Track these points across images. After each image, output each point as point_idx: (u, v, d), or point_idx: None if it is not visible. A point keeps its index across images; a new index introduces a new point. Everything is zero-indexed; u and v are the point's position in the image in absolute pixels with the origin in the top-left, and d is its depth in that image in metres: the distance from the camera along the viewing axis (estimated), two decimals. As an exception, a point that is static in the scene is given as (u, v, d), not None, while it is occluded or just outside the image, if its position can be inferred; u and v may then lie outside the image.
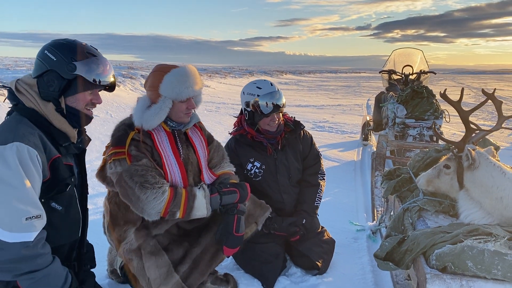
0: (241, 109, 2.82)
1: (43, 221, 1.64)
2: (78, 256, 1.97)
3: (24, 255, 1.57)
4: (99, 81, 1.81)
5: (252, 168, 2.79)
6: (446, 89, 2.44)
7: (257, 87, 2.69)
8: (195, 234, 2.36)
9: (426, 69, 7.10)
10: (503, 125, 2.54)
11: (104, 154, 2.29)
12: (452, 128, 8.79)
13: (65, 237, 1.85)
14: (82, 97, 1.82)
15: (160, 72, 2.21)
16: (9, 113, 1.80)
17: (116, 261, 2.48)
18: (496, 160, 2.43)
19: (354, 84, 33.97)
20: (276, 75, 40.08)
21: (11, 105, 1.79)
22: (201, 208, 2.17)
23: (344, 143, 7.71)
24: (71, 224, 1.87)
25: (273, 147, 2.79)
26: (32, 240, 1.59)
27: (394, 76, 7.30)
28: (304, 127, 2.94)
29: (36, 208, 1.61)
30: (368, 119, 7.77)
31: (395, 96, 5.96)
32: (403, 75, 7.09)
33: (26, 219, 1.57)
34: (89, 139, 2.03)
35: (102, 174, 2.28)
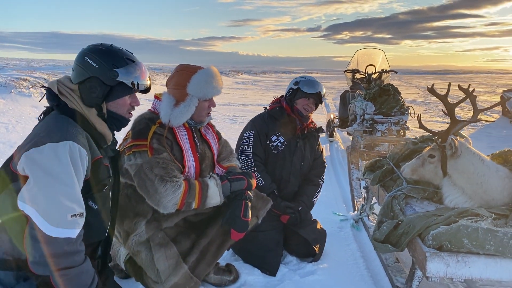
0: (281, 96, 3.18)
1: (83, 219, 1.67)
2: (103, 254, 1.99)
3: (66, 250, 1.60)
4: (138, 85, 1.85)
5: (276, 140, 3.00)
6: (433, 84, 2.64)
7: (310, 77, 3.11)
8: (201, 226, 2.41)
9: (388, 68, 7.47)
10: (478, 117, 2.77)
11: (119, 147, 2.30)
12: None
13: (95, 235, 1.87)
14: (123, 102, 1.87)
15: (187, 72, 2.29)
16: (45, 113, 1.80)
17: (119, 255, 2.48)
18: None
19: (309, 84, 34.58)
20: (232, 75, 40.18)
21: (46, 105, 1.81)
22: (215, 196, 2.24)
23: (311, 140, 7.92)
24: (101, 223, 1.89)
25: (300, 130, 3.05)
26: (75, 236, 1.62)
27: (358, 75, 7.63)
28: (324, 131, 3.20)
29: (81, 206, 1.65)
30: (332, 117, 8.05)
31: (363, 94, 6.24)
32: (366, 74, 7.42)
33: (72, 216, 1.59)
34: (117, 141, 2.04)
35: None
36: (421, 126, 2.79)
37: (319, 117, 11.26)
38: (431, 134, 2.86)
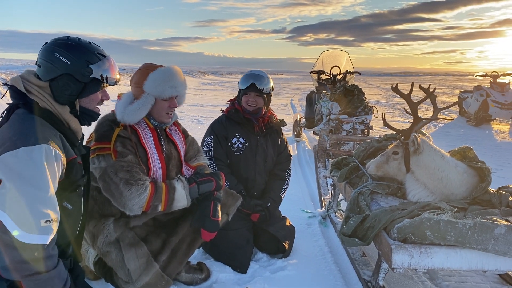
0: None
1: (57, 224, 1.63)
2: (74, 251, 1.94)
3: (37, 257, 1.56)
4: (107, 79, 1.81)
5: (236, 142, 3.02)
6: (398, 83, 2.74)
7: (251, 70, 3.07)
8: (171, 225, 2.41)
9: (352, 70, 7.66)
10: (438, 116, 2.91)
11: None
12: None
13: (68, 234, 1.83)
14: (95, 97, 1.83)
15: (146, 70, 2.26)
16: (8, 110, 1.72)
17: (87, 257, 2.44)
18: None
19: (275, 85, 34.82)
20: (198, 76, 39.93)
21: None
22: (182, 199, 2.23)
23: (278, 140, 8.02)
24: (74, 222, 1.86)
25: (258, 128, 3.04)
26: (47, 243, 1.58)
27: (323, 76, 7.78)
28: (286, 124, 3.24)
29: (55, 212, 1.61)
30: (298, 117, 8.17)
31: (328, 95, 6.38)
32: (331, 75, 7.58)
33: (45, 221, 1.55)
34: (83, 134, 1.98)
35: None
36: (386, 124, 2.90)
37: (285, 117, 11.39)
38: (394, 133, 2.98)
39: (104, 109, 2.36)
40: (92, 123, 1.95)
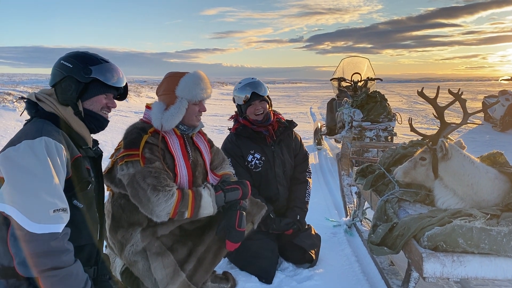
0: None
1: (68, 215, 1.64)
2: (96, 263, 1.94)
3: (52, 247, 1.56)
4: (113, 83, 1.89)
5: (252, 159, 2.96)
6: (423, 88, 2.70)
7: (239, 82, 2.97)
8: (197, 233, 2.41)
9: (373, 76, 7.59)
10: (468, 121, 2.83)
11: (111, 157, 2.29)
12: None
13: (85, 237, 1.83)
14: (98, 99, 1.89)
15: (175, 77, 2.32)
16: (25, 124, 1.81)
17: (114, 267, 2.45)
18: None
19: (294, 94, 34.95)
20: (217, 86, 40.25)
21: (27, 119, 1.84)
22: (208, 206, 2.23)
23: (299, 149, 7.98)
24: (91, 225, 1.86)
25: (270, 138, 2.99)
26: (60, 231, 1.59)
27: (344, 83, 7.73)
28: (297, 125, 3.16)
29: (63, 202, 1.62)
30: (319, 125, 8.13)
31: (350, 102, 6.33)
32: (352, 82, 7.52)
33: (54, 211, 1.57)
34: (98, 142, 2.04)
35: (109, 176, 2.29)
36: (412, 129, 2.84)
37: (306, 126, 11.34)
38: (420, 139, 2.92)
39: (132, 120, 2.41)
40: (103, 130, 1.99)
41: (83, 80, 1.82)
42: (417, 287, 2.32)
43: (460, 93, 2.70)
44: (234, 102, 3.00)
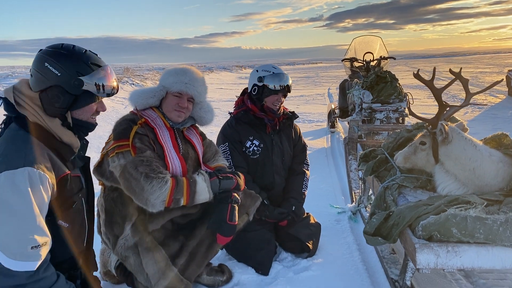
0: (243, 90, 3.03)
1: (48, 247, 1.60)
2: (84, 262, 1.93)
3: (27, 282, 1.54)
4: (104, 91, 1.73)
5: (251, 145, 2.92)
6: (419, 70, 2.57)
7: (272, 66, 2.92)
8: (189, 228, 2.39)
9: (386, 55, 7.36)
10: (470, 101, 2.70)
11: (102, 150, 2.28)
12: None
13: (70, 250, 1.81)
14: (89, 109, 1.76)
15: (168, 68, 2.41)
16: (4, 123, 1.70)
17: (110, 261, 2.47)
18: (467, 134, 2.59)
19: (313, 75, 34.48)
20: (236, 70, 40.12)
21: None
22: (203, 192, 2.22)
23: (313, 132, 7.89)
24: (77, 237, 1.84)
25: (271, 127, 2.95)
26: (35, 269, 1.54)
27: (356, 64, 7.53)
28: (298, 116, 3.13)
29: (43, 236, 1.56)
30: (333, 107, 7.98)
31: (360, 83, 6.16)
32: (364, 62, 7.32)
33: (32, 247, 1.51)
34: (87, 142, 1.95)
35: (100, 169, 2.29)
36: (411, 113, 2.74)
37: (322, 107, 11.17)
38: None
39: (123, 112, 2.40)
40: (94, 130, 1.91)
41: (74, 92, 1.66)
42: (417, 276, 2.25)
43: (461, 71, 2.57)
44: (258, 82, 2.87)
